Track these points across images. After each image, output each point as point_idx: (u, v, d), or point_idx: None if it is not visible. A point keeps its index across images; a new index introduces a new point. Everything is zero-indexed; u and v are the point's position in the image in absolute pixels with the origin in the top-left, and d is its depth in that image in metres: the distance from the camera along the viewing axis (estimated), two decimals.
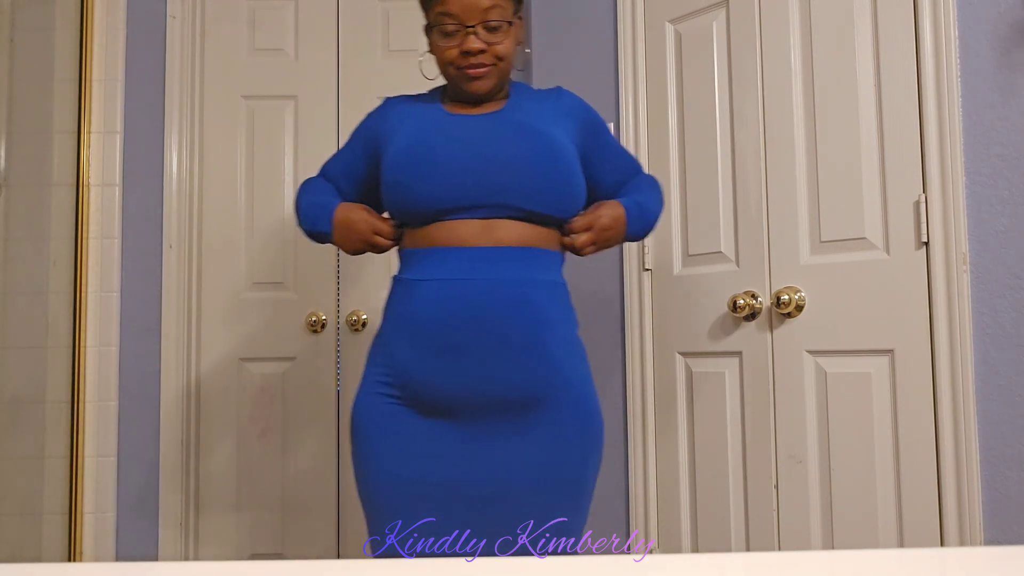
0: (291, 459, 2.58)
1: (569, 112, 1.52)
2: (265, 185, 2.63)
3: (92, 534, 2.46)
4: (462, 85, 1.46)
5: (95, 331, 2.49)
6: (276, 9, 2.69)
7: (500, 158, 1.38)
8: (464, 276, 1.35)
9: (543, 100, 1.53)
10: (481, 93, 1.47)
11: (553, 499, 1.37)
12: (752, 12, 1.94)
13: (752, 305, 1.88)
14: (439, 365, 1.35)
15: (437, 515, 1.37)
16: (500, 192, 1.37)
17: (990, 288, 1.56)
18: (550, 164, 1.39)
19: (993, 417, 1.54)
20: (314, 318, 2.59)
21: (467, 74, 1.44)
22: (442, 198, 1.37)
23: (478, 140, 1.41)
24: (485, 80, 1.45)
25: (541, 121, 1.45)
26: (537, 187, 1.37)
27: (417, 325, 1.37)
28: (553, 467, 1.37)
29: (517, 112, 1.48)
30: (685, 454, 2.06)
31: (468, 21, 1.40)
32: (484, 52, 1.42)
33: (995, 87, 1.56)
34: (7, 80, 2.36)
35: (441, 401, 1.37)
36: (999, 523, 1.53)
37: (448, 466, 1.37)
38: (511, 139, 1.40)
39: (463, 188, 1.37)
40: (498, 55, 1.44)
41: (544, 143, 1.40)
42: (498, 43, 1.43)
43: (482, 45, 1.41)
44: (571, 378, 1.39)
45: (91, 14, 2.55)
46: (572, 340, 1.43)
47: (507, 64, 1.47)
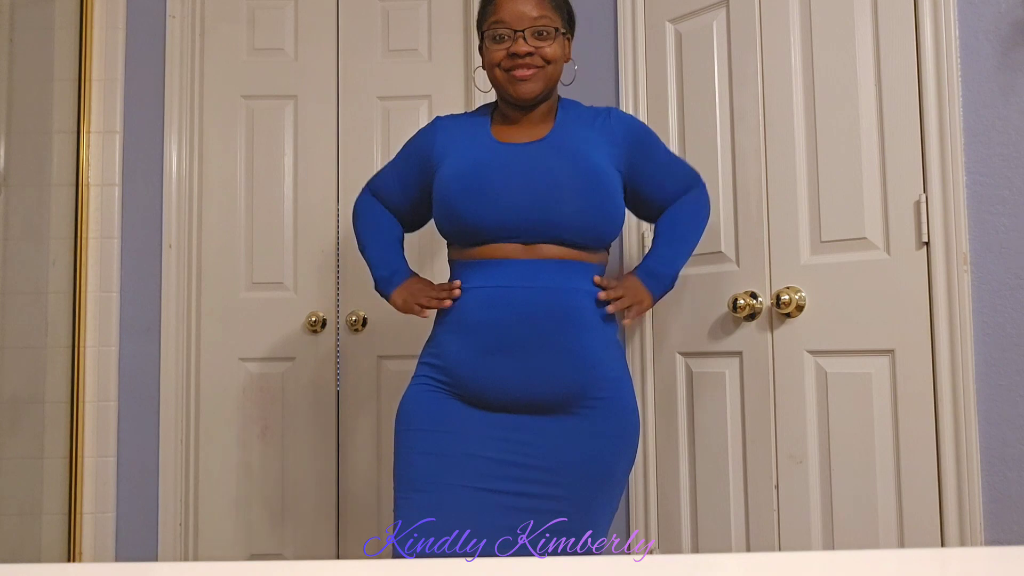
0: (291, 459, 2.58)
1: (615, 136, 1.59)
2: (265, 185, 2.63)
3: (92, 534, 2.46)
4: (509, 88, 1.56)
5: (95, 331, 2.49)
6: (276, 9, 2.69)
7: (543, 191, 1.48)
8: (509, 284, 1.48)
9: (591, 123, 1.60)
10: (528, 97, 1.55)
11: (587, 490, 1.46)
12: (752, 12, 1.94)
13: (752, 305, 1.88)
14: (487, 363, 1.47)
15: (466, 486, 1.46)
16: (542, 223, 1.48)
17: (991, 288, 1.56)
18: (589, 199, 1.49)
19: (993, 417, 1.54)
20: (314, 318, 2.59)
21: (514, 76, 1.53)
22: (489, 226, 1.49)
23: (524, 172, 1.50)
24: (532, 83, 1.54)
25: (585, 150, 1.54)
26: (576, 220, 1.48)
27: (467, 327, 1.49)
28: (588, 460, 1.46)
29: (562, 140, 1.55)
30: (685, 454, 2.06)
31: (517, 26, 1.52)
32: (532, 55, 1.53)
33: (995, 87, 1.56)
34: (7, 80, 2.36)
35: (488, 395, 1.48)
36: (999, 523, 1.53)
37: (488, 444, 1.47)
38: (554, 172, 1.49)
39: (509, 218, 1.48)
40: (545, 58, 1.54)
41: (585, 177, 1.50)
42: (546, 47, 1.54)
43: (529, 48, 1.52)
44: (609, 378, 1.50)
45: (91, 14, 2.55)
46: (611, 343, 1.53)
47: (555, 69, 1.57)
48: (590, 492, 1.46)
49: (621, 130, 1.59)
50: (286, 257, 2.63)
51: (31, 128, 2.49)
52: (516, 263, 1.48)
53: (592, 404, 1.47)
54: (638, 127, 1.63)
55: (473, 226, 1.51)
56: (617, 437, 1.49)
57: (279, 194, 2.64)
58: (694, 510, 2.03)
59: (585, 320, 1.48)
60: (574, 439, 1.46)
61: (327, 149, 2.65)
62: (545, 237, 1.48)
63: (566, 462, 1.45)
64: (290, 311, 2.61)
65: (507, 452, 1.47)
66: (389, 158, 2.63)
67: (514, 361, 1.45)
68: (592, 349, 1.47)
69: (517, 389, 1.46)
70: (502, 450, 1.47)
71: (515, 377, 1.46)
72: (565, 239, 1.49)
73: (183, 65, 2.58)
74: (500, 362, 1.46)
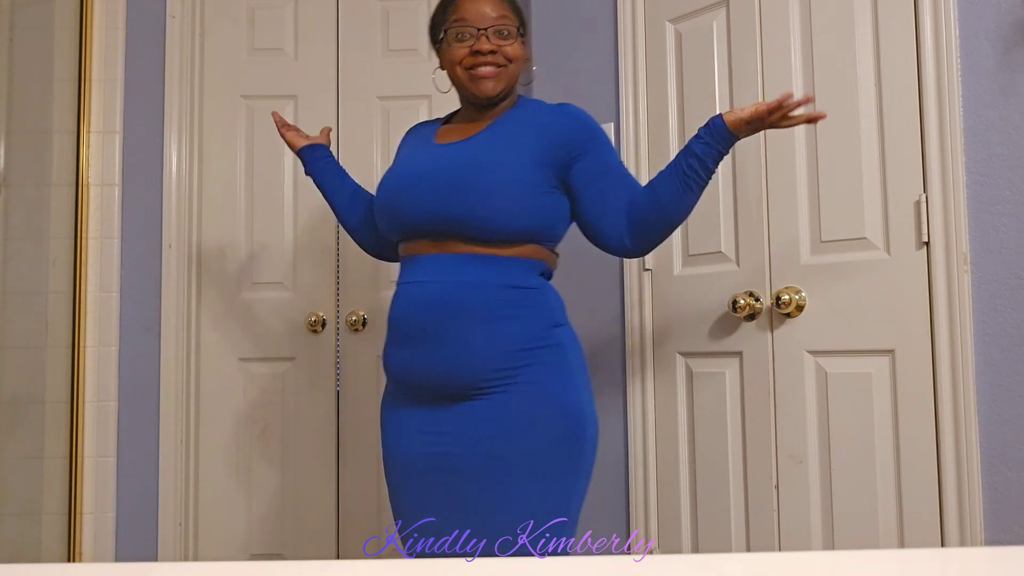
0: (291, 459, 2.58)
1: (558, 132, 1.55)
2: (265, 185, 2.63)
3: (92, 534, 2.46)
4: (471, 87, 1.57)
5: (95, 331, 2.49)
6: (276, 9, 2.69)
7: (443, 190, 1.50)
8: (419, 279, 1.52)
9: (534, 120, 1.58)
10: (490, 95, 1.57)
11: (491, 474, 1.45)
12: (752, 12, 1.94)
13: (752, 305, 1.88)
14: (400, 356, 1.54)
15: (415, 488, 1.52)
16: (444, 220, 1.50)
17: (991, 288, 1.56)
18: (484, 195, 1.48)
19: (993, 417, 1.54)
20: (314, 318, 2.59)
21: (477, 74, 1.55)
22: (402, 226, 1.56)
23: (432, 172, 1.54)
24: (495, 81, 1.56)
25: (505, 146, 1.53)
26: (472, 216, 1.48)
27: (390, 323, 1.57)
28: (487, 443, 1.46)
29: (487, 139, 1.56)
30: (685, 454, 2.06)
31: (480, 25, 1.54)
32: (494, 53, 1.55)
33: (996, 86, 1.56)
34: (7, 80, 2.36)
35: (406, 387, 1.55)
36: (999, 523, 1.53)
37: (416, 443, 1.52)
38: (458, 171, 1.51)
39: (416, 218, 1.53)
40: (507, 56, 1.56)
41: (483, 174, 1.50)
42: (507, 46, 1.56)
43: (492, 46, 1.54)
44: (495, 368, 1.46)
45: (90, 14, 2.55)
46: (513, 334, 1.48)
47: (515, 68, 1.59)
48: (495, 476, 1.45)
49: (566, 126, 1.56)
50: (286, 257, 2.63)
51: (31, 128, 2.49)
52: (428, 259, 1.52)
53: (486, 393, 1.47)
54: (586, 125, 1.58)
55: (390, 226, 1.59)
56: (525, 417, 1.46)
57: (279, 194, 2.64)
58: (694, 510, 2.03)
59: (478, 313, 1.47)
60: (478, 423, 1.47)
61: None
62: (450, 234, 1.50)
63: (469, 445, 1.47)
64: (290, 311, 2.61)
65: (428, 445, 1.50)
66: (389, 158, 2.64)
67: (415, 352, 1.50)
68: (477, 341, 1.46)
69: (420, 379, 1.51)
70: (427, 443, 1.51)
71: (418, 368, 1.51)
72: (467, 235, 1.49)
73: (183, 65, 2.58)
74: (408, 354, 1.52)
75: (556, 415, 1.48)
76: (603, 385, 2.24)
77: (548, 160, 1.53)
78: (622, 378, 2.20)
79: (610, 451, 2.21)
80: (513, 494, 1.44)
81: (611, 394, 2.22)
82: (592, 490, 2.25)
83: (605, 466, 2.23)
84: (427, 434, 1.51)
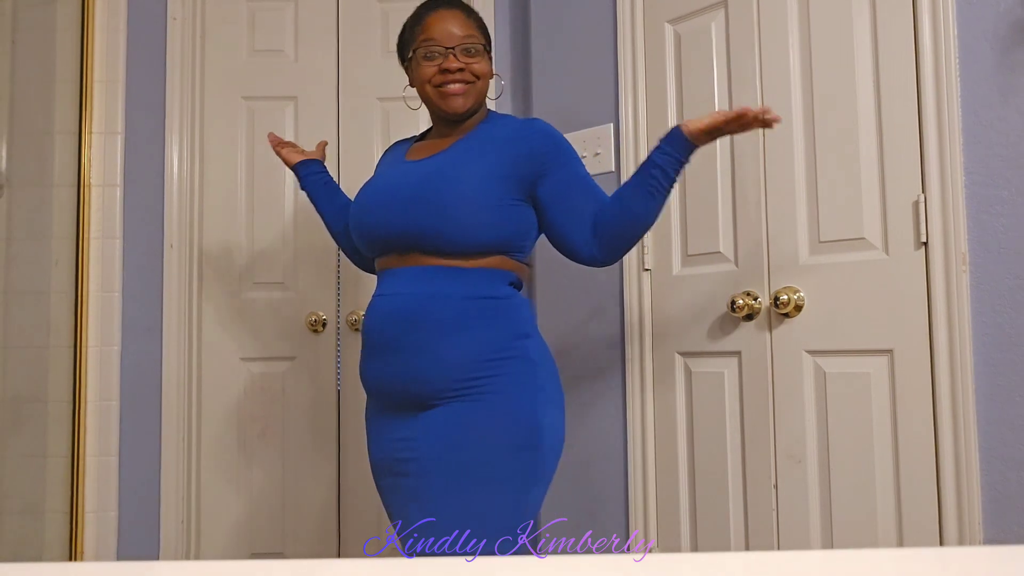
0: (291, 459, 2.58)
1: (524, 146, 1.58)
2: (265, 185, 2.64)
3: (93, 533, 2.46)
4: (440, 103, 1.62)
5: (96, 331, 2.50)
6: (276, 10, 2.70)
7: (404, 206, 1.54)
8: (387, 292, 1.57)
9: (497, 137, 1.61)
10: (459, 111, 1.62)
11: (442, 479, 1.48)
12: (751, 12, 1.94)
13: (751, 305, 1.89)
14: (369, 366, 1.60)
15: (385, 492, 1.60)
16: (405, 236, 1.54)
17: (989, 288, 1.56)
18: (440, 210, 1.51)
19: (993, 417, 1.54)
20: (314, 318, 2.59)
21: (446, 92, 1.60)
22: (370, 242, 1.61)
23: (396, 189, 1.58)
24: (463, 98, 1.61)
25: (470, 160, 1.56)
26: (428, 231, 1.52)
27: (362, 334, 1.63)
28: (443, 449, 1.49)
29: (453, 155, 1.59)
30: (685, 454, 2.06)
31: (448, 44, 1.59)
32: (462, 71, 1.60)
33: (995, 87, 1.56)
34: (9, 80, 2.37)
35: (378, 397, 1.60)
36: (999, 523, 1.53)
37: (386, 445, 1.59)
38: (420, 186, 1.55)
39: (380, 233, 1.58)
40: (475, 73, 1.61)
41: (442, 189, 1.53)
42: (475, 63, 1.61)
43: (460, 64, 1.59)
44: (456, 378, 1.49)
45: (92, 15, 2.56)
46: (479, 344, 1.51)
47: (483, 85, 1.64)
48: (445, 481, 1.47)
49: (533, 140, 1.59)
50: (286, 257, 2.63)
51: (33, 129, 2.49)
52: (397, 272, 1.57)
53: (449, 401, 1.49)
54: (553, 138, 1.61)
55: (361, 241, 1.64)
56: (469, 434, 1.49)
57: (279, 194, 2.65)
58: (693, 510, 2.04)
59: (444, 324, 1.50)
60: (438, 430, 1.49)
61: (327, 150, 2.65)
62: (415, 248, 1.54)
63: (427, 451, 1.50)
64: (290, 311, 2.62)
65: (395, 450, 1.55)
66: None
67: (385, 363, 1.55)
68: (442, 352, 1.50)
69: (390, 388, 1.55)
70: (395, 448, 1.55)
71: (388, 377, 1.55)
72: (430, 248, 1.53)
73: (184, 66, 2.59)
74: (378, 364, 1.56)
75: (511, 426, 1.49)
76: (602, 385, 2.25)
77: (513, 173, 1.55)
78: (621, 378, 2.20)
79: (610, 451, 2.22)
80: (464, 500, 1.46)
81: (610, 394, 2.22)
82: (592, 490, 2.26)
83: (605, 466, 2.23)
84: (395, 440, 1.55)
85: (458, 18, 1.62)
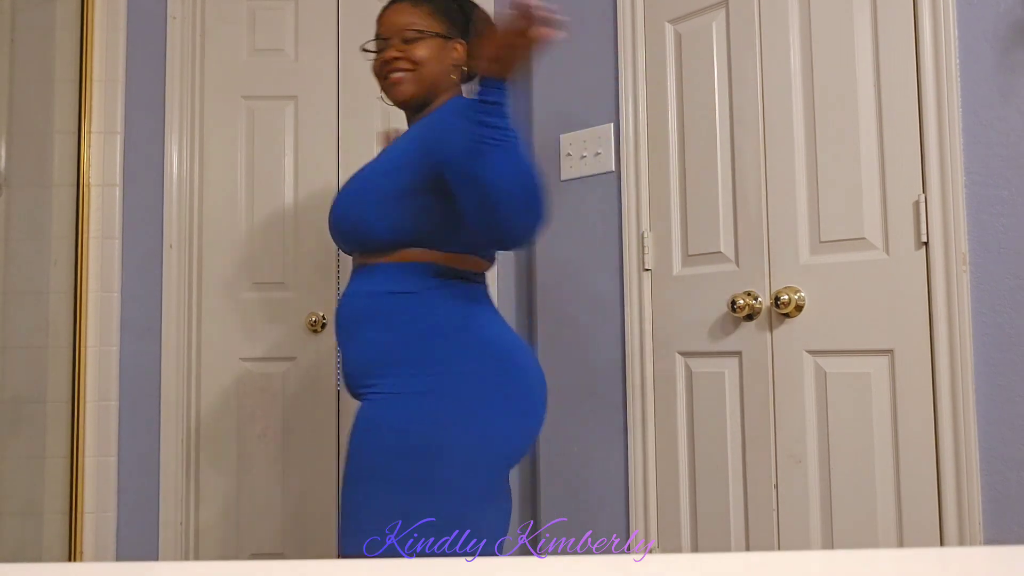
0: (291, 459, 2.58)
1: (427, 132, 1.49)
2: (265, 185, 2.64)
3: (93, 534, 2.46)
4: (387, 93, 1.62)
5: (95, 331, 2.50)
6: (276, 10, 2.70)
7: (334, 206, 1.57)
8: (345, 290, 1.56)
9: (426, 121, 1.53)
10: (401, 98, 1.59)
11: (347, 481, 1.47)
12: (752, 12, 1.94)
13: (752, 305, 1.89)
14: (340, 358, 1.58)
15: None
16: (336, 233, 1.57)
17: (990, 288, 1.56)
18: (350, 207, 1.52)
19: (993, 417, 1.54)
20: (314, 318, 2.59)
21: (388, 81, 1.59)
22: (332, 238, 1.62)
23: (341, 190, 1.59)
24: (404, 85, 1.57)
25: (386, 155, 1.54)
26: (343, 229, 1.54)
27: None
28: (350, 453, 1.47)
29: (390, 150, 1.55)
30: (685, 454, 2.06)
31: (387, 34, 1.59)
32: (399, 59, 1.56)
33: (995, 87, 1.56)
34: (8, 80, 2.37)
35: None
36: (999, 523, 1.53)
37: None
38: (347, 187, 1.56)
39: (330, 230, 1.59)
40: (413, 59, 1.56)
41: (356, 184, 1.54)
42: (414, 49, 1.56)
43: (396, 53, 1.57)
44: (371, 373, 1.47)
45: (92, 15, 2.55)
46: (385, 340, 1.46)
47: (426, 71, 1.57)
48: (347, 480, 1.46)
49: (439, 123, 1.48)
50: (286, 257, 2.63)
51: (32, 128, 2.49)
52: (354, 271, 1.57)
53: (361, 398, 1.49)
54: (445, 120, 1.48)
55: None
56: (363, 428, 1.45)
57: (279, 194, 2.65)
58: (694, 510, 2.04)
59: (358, 322, 1.49)
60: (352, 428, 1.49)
61: (327, 149, 2.65)
62: (346, 246, 1.57)
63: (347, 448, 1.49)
64: (290, 311, 2.61)
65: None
66: None
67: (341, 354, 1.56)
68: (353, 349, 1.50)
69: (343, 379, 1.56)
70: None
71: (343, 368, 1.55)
72: (351, 247, 1.55)
73: (184, 66, 2.59)
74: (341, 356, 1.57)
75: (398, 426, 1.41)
76: (602, 385, 2.24)
77: (420, 161, 1.45)
78: (622, 378, 2.20)
79: (610, 451, 2.22)
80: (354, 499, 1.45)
81: (611, 394, 2.22)
82: (592, 490, 2.26)
83: (605, 466, 2.23)
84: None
85: (403, 9, 1.58)
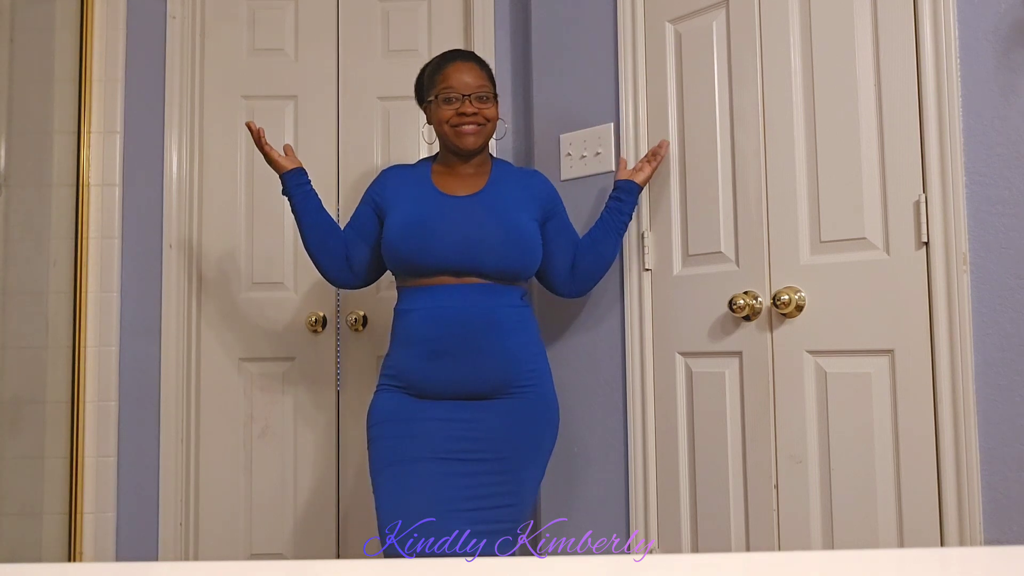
0: (291, 459, 2.58)
1: (536, 195, 1.99)
2: (265, 185, 2.63)
3: (92, 534, 2.46)
4: (456, 141, 1.94)
5: (95, 331, 2.50)
6: (276, 9, 2.69)
7: (472, 241, 1.84)
8: (443, 304, 1.84)
9: (518, 182, 1.99)
10: (471, 148, 1.94)
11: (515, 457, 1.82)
12: (752, 12, 1.94)
13: (752, 305, 1.88)
14: (432, 367, 1.83)
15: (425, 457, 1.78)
16: (469, 264, 1.84)
17: (990, 288, 1.56)
18: (509, 250, 1.86)
19: (993, 417, 1.54)
20: (314, 318, 2.59)
21: (461, 131, 1.93)
22: (427, 265, 1.85)
23: (457, 223, 1.87)
24: (475, 137, 1.94)
25: (511, 206, 1.92)
26: (497, 265, 1.85)
27: (413, 340, 1.86)
28: (515, 432, 1.83)
29: (493, 197, 1.93)
30: (685, 454, 2.06)
31: (464, 92, 1.93)
32: (476, 114, 1.93)
33: (995, 87, 1.56)
34: (7, 80, 2.37)
35: (435, 390, 1.84)
36: (999, 523, 1.53)
37: (438, 424, 1.81)
38: (484, 225, 1.87)
39: (442, 259, 1.84)
40: (486, 117, 1.95)
41: (507, 232, 1.87)
42: (486, 108, 1.95)
43: (474, 109, 1.93)
44: (527, 370, 1.87)
45: (91, 14, 2.55)
46: (529, 343, 1.91)
47: (492, 127, 1.98)
48: (518, 459, 1.82)
49: (542, 191, 2.01)
50: (286, 257, 2.63)
51: (32, 128, 2.49)
52: (448, 288, 1.84)
53: (516, 391, 1.84)
54: (554, 191, 2.06)
55: (413, 265, 1.87)
56: (540, 417, 1.88)
57: (279, 194, 2.64)
58: (694, 510, 2.04)
59: (504, 326, 1.85)
60: (504, 416, 1.82)
61: (327, 149, 2.65)
62: (472, 272, 1.85)
63: (498, 434, 1.81)
64: (290, 311, 2.61)
65: (453, 429, 1.80)
66: (389, 158, 2.64)
67: (452, 362, 1.81)
68: (511, 348, 1.85)
69: (456, 384, 1.82)
70: (449, 427, 1.81)
71: (454, 375, 1.81)
72: (490, 274, 1.86)
73: (183, 65, 2.59)
74: (441, 364, 1.82)
75: (555, 415, 1.93)
76: (603, 385, 2.24)
77: (538, 216, 1.97)
78: (622, 378, 2.20)
79: (610, 451, 2.22)
80: (521, 479, 1.80)
81: (611, 394, 2.22)
82: (592, 490, 2.26)
83: (605, 466, 2.23)
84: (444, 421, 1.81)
85: (473, 70, 1.96)
